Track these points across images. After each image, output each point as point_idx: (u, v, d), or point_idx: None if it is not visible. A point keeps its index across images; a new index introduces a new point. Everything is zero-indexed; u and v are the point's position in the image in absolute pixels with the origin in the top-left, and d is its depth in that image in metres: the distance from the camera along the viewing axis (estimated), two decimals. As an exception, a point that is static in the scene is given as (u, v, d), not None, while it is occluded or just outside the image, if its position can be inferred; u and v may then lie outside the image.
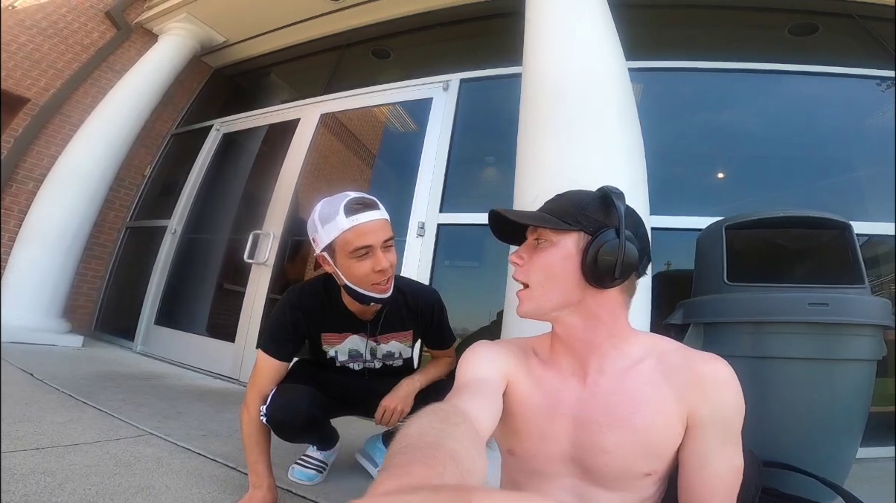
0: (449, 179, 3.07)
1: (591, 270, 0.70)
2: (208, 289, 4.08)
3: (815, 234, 1.88)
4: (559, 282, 0.74)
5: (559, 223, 0.74)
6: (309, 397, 1.34)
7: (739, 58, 3.14)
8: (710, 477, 0.70)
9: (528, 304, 0.77)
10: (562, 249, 0.73)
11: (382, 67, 4.51)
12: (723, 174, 3.17)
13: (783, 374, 1.53)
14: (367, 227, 1.19)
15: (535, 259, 0.76)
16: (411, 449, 0.39)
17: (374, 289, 1.24)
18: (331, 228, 1.19)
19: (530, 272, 0.76)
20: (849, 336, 1.51)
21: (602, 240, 0.70)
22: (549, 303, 0.75)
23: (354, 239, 1.18)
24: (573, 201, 0.76)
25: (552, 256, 0.74)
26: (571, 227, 0.73)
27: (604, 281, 0.71)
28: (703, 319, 1.70)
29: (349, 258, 1.20)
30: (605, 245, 0.70)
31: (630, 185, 1.75)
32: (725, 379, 0.71)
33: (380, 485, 0.32)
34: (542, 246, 0.76)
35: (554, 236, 0.74)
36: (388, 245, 1.24)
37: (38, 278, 3.60)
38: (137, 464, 1.43)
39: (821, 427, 1.53)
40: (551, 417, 0.76)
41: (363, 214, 1.19)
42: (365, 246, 1.19)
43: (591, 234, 0.72)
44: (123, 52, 4.76)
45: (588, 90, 1.86)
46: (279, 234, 3.52)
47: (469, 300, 2.99)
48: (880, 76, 3.01)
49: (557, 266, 0.73)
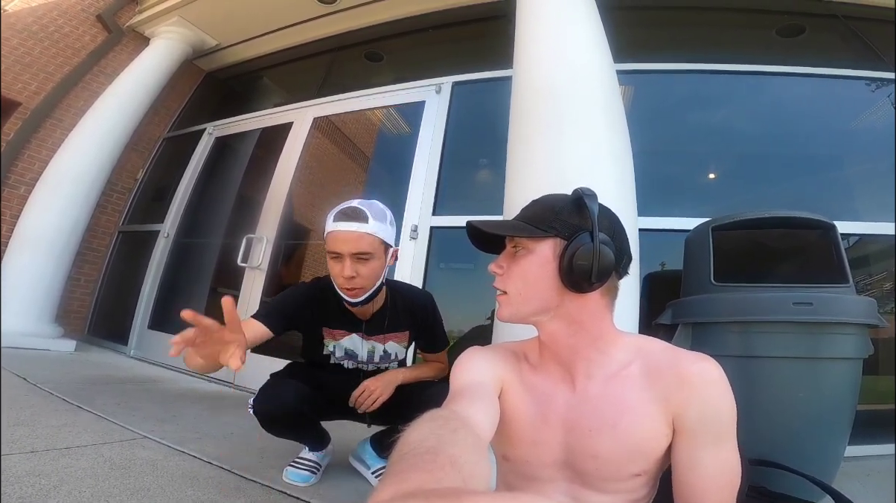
0: (442, 182, 3.09)
1: (568, 276, 0.71)
2: (202, 293, 4.07)
3: (800, 234, 1.91)
4: (537, 289, 0.74)
5: (533, 230, 0.74)
6: (296, 391, 1.38)
7: (728, 59, 3.18)
8: (702, 477, 0.70)
9: (507, 310, 0.77)
10: (538, 256, 0.74)
11: (375, 70, 4.53)
12: (712, 174, 3.20)
13: (770, 373, 1.55)
14: (340, 236, 1.32)
15: (512, 267, 0.76)
16: (410, 455, 0.40)
17: (345, 291, 1.37)
18: (326, 226, 1.35)
19: (508, 280, 0.77)
20: (833, 335, 1.53)
21: (576, 244, 0.70)
22: (526, 309, 0.75)
23: (330, 243, 1.34)
24: (547, 207, 0.77)
25: (529, 264, 0.74)
26: (546, 234, 0.73)
27: (582, 286, 0.71)
28: (692, 319, 1.73)
29: (328, 257, 1.37)
30: (579, 249, 0.70)
31: (618, 186, 1.77)
32: (713, 379, 0.70)
33: (378, 493, 0.33)
34: (519, 254, 0.76)
35: (530, 243, 0.75)
36: (360, 258, 1.33)
37: (31, 283, 3.59)
38: (132, 467, 1.43)
39: (808, 425, 1.56)
40: (543, 424, 0.77)
41: (343, 223, 1.32)
42: (335, 251, 1.33)
43: (566, 238, 0.72)
44: (115, 55, 4.75)
45: (578, 92, 1.88)
46: (273, 237, 3.53)
47: (462, 303, 3.00)
48: (866, 77, 3.07)
49: (534, 273, 0.74)
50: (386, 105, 3.78)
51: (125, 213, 4.88)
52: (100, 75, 4.60)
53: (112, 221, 4.81)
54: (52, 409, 1.94)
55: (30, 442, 1.48)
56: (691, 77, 3.23)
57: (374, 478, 1.58)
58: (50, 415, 1.83)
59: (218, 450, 1.71)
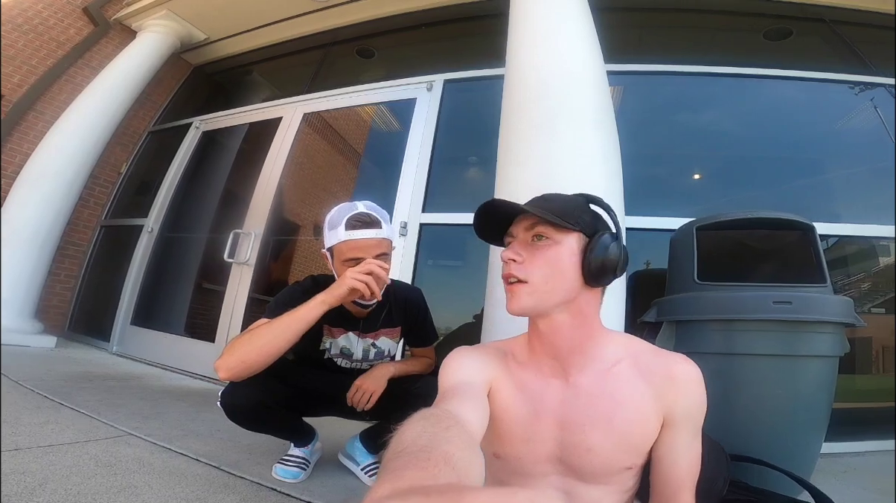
0: (432, 179, 3.09)
1: (591, 270, 0.74)
2: (186, 289, 4.02)
3: (781, 235, 1.95)
4: (564, 279, 0.75)
5: (564, 223, 0.75)
6: (261, 384, 1.33)
7: (716, 62, 3.23)
8: (681, 470, 0.76)
9: (529, 300, 0.75)
10: (566, 248, 0.75)
11: (367, 67, 4.50)
12: (698, 175, 3.25)
13: (750, 371, 1.59)
14: (361, 244, 1.35)
15: (537, 255, 0.75)
16: (405, 454, 0.40)
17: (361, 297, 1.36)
18: (333, 235, 1.37)
19: (532, 268, 0.75)
20: (811, 333, 1.57)
21: (604, 241, 0.75)
22: (552, 300, 0.75)
23: (348, 251, 1.35)
24: (569, 203, 0.79)
25: (558, 254, 0.75)
26: (574, 227, 0.76)
27: (601, 280, 0.76)
28: (676, 317, 1.76)
29: (342, 265, 1.37)
30: (609, 246, 0.75)
31: (607, 186, 1.80)
32: (695, 379, 0.76)
33: (374, 491, 0.33)
34: (544, 243, 0.76)
35: (557, 234, 0.76)
36: (379, 258, 1.37)
37: (11, 278, 3.51)
38: (118, 464, 1.42)
39: (786, 422, 1.60)
40: (535, 420, 0.78)
41: (360, 231, 1.35)
42: (355, 258, 1.35)
43: (588, 235, 0.76)
44: (100, 48, 4.66)
45: (570, 92, 1.90)
46: (261, 233, 3.50)
47: (451, 299, 3.01)
48: (851, 80, 3.14)
49: (563, 263, 0.75)
50: (377, 102, 3.76)
51: (108, 208, 4.79)
52: (84, 68, 4.52)
53: (94, 215, 4.73)
54: (34, 407, 1.90)
55: (13, 439, 1.46)
56: (678, 79, 3.27)
57: (363, 475, 1.58)
58: (32, 413, 1.81)
59: (205, 446, 1.70)
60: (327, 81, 4.14)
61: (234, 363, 1.22)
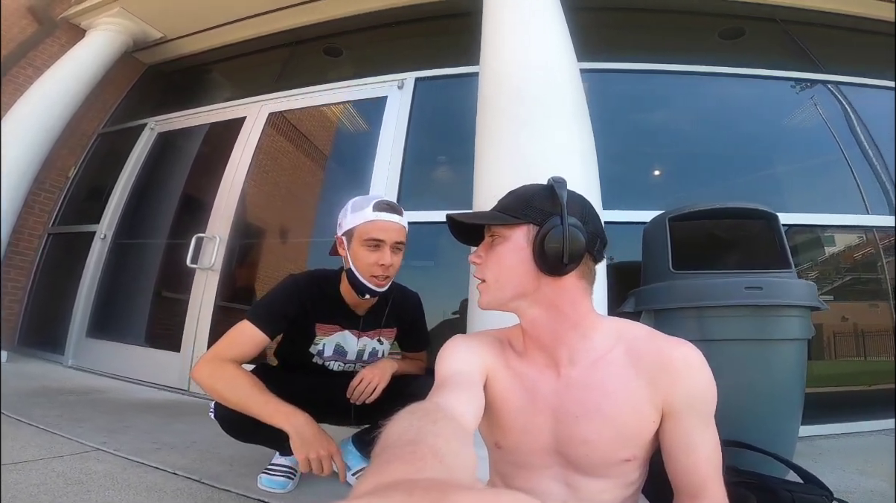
0: (404, 179, 3.05)
1: (541, 259, 0.73)
2: (145, 298, 3.83)
3: (747, 224, 2.03)
4: (513, 274, 0.76)
5: (507, 218, 0.77)
6: None
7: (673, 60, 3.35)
8: (700, 460, 0.73)
9: (486, 296, 0.80)
10: (513, 243, 0.76)
11: (334, 65, 4.41)
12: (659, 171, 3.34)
13: (725, 356, 1.63)
14: (386, 225, 1.38)
15: (490, 255, 0.79)
16: (391, 448, 0.40)
17: (371, 281, 1.38)
18: (357, 216, 1.39)
19: (486, 268, 0.80)
20: (781, 317, 1.64)
21: (547, 228, 0.73)
22: (505, 294, 0.78)
23: (372, 230, 1.37)
24: (521, 196, 0.79)
25: (504, 251, 0.77)
26: (520, 221, 0.76)
27: (555, 268, 0.73)
28: (653, 306, 1.80)
29: (361, 246, 1.37)
30: (550, 232, 0.73)
31: (585, 181, 1.83)
32: (696, 364, 0.74)
33: (359, 487, 0.32)
34: (495, 242, 0.79)
35: (506, 231, 0.78)
36: (397, 247, 1.41)
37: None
38: (89, 481, 1.33)
39: (763, 405, 1.64)
40: (531, 411, 0.77)
41: (386, 214, 1.39)
42: (378, 239, 1.36)
43: (539, 224, 0.75)
44: (45, 48, 4.40)
45: (545, 89, 1.92)
46: (226, 237, 3.37)
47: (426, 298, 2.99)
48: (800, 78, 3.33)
49: (508, 258, 0.76)
50: (346, 101, 3.69)
51: (55, 214, 4.51)
52: (27, 68, 4.25)
53: (41, 223, 4.44)
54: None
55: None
56: (639, 76, 3.36)
57: (355, 481, 1.54)
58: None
59: (182, 459, 1.62)
60: (293, 80, 4.02)
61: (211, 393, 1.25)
